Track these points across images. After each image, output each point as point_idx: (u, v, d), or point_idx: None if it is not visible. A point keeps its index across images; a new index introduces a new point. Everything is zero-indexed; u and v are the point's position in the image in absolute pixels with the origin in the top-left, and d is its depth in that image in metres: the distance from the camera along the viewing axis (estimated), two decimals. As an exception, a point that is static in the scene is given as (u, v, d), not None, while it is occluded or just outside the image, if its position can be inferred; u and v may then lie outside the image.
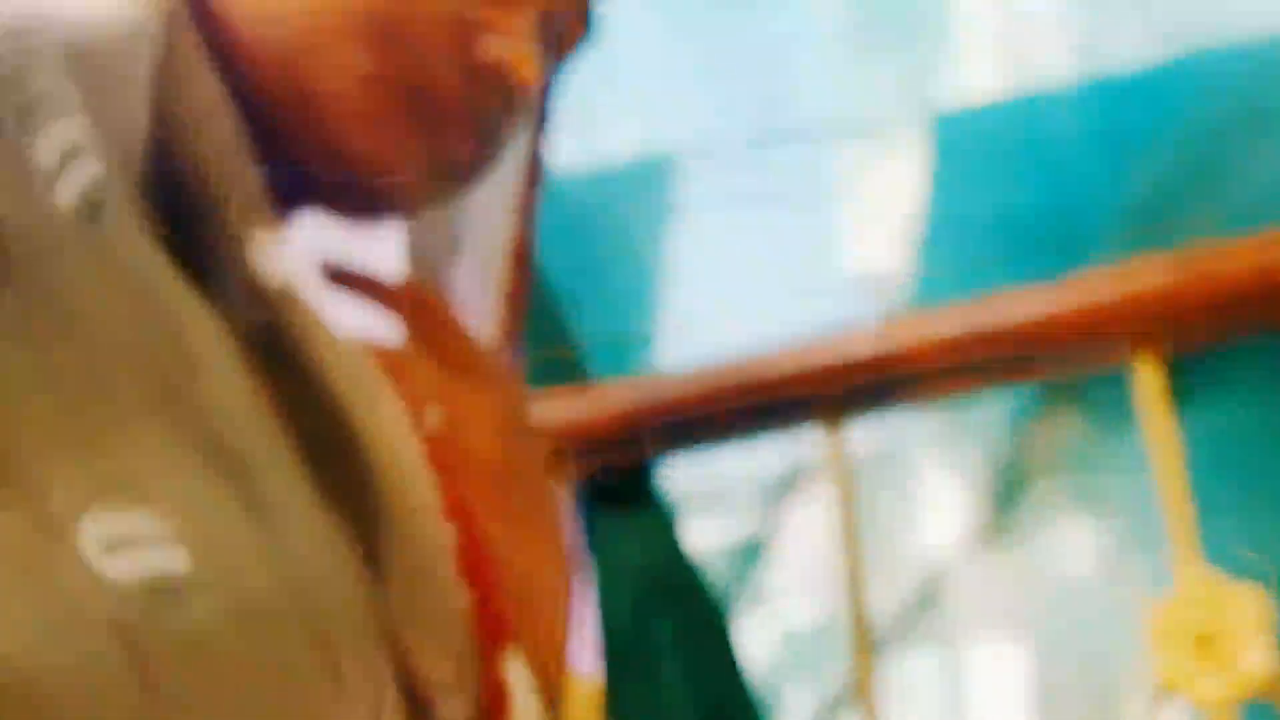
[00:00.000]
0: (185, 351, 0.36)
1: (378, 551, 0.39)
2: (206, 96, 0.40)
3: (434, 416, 0.50)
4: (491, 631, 0.43)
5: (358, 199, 0.45)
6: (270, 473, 0.37)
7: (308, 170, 0.44)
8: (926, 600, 1.05)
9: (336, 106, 0.42)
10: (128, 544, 0.31)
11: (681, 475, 1.08)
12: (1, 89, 0.35)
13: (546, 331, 1.07)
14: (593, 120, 0.53)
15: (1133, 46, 0.88)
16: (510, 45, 0.43)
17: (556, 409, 1.04)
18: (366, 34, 0.42)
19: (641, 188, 1.03)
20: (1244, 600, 0.82)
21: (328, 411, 0.40)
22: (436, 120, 0.43)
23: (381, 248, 0.53)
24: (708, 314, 1.04)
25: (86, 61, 0.38)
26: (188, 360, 0.36)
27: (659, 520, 1.05)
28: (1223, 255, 0.84)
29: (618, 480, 1.05)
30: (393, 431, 0.41)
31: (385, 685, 0.37)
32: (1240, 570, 0.86)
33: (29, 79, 0.36)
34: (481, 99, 0.44)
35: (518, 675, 0.44)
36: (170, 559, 0.32)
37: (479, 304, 0.57)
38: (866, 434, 1.03)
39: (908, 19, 0.95)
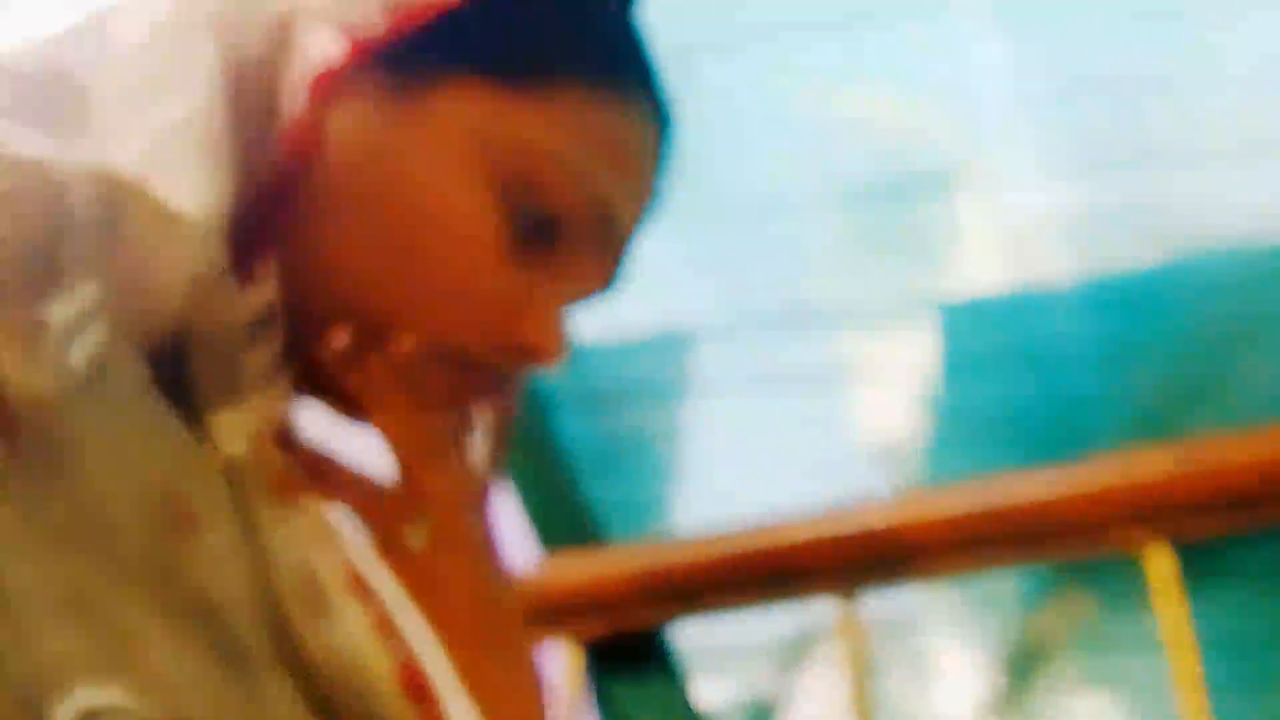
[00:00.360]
0: (183, 514, 0.37)
1: None
2: (226, 286, 0.42)
3: (416, 538, 0.52)
4: None
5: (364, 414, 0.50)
6: (254, 644, 0.37)
7: (326, 377, 0.48)
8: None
9: (375, 345, 0.47)
10: None
11: (693, 637, 1.08)
12: (30, 253, 0.38)
13: (563, 496, 1.08)
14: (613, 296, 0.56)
15: (1132, 249, 0.92)
16: (545, 329, 0.49)
17: (569, 570, 1.05)
18: (425, 314, 0.47)
19: (660, 360, 1.06)
20: (1259, 791, 0.82)
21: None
22: (463, 371, 0.49)
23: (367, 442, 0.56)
24: (723, 484, 1.06)
25: (130, 230, 0.40)
26: (183, 523, 0.37)
27: (670, 681, 1.05)
28: (1225, 448, 0.86)
29: (630, 641, 1.05)
30: (339, 630, 0.40)
31: None
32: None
33: (60, 242, 0.38)
34: (510, 363, 0.49)
35: None
36: None
37: None
38: (879, 603, 1.03)
39: (915, 217, 0.99)
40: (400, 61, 0.47)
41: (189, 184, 0.43)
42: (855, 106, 1.06)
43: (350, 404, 0.49)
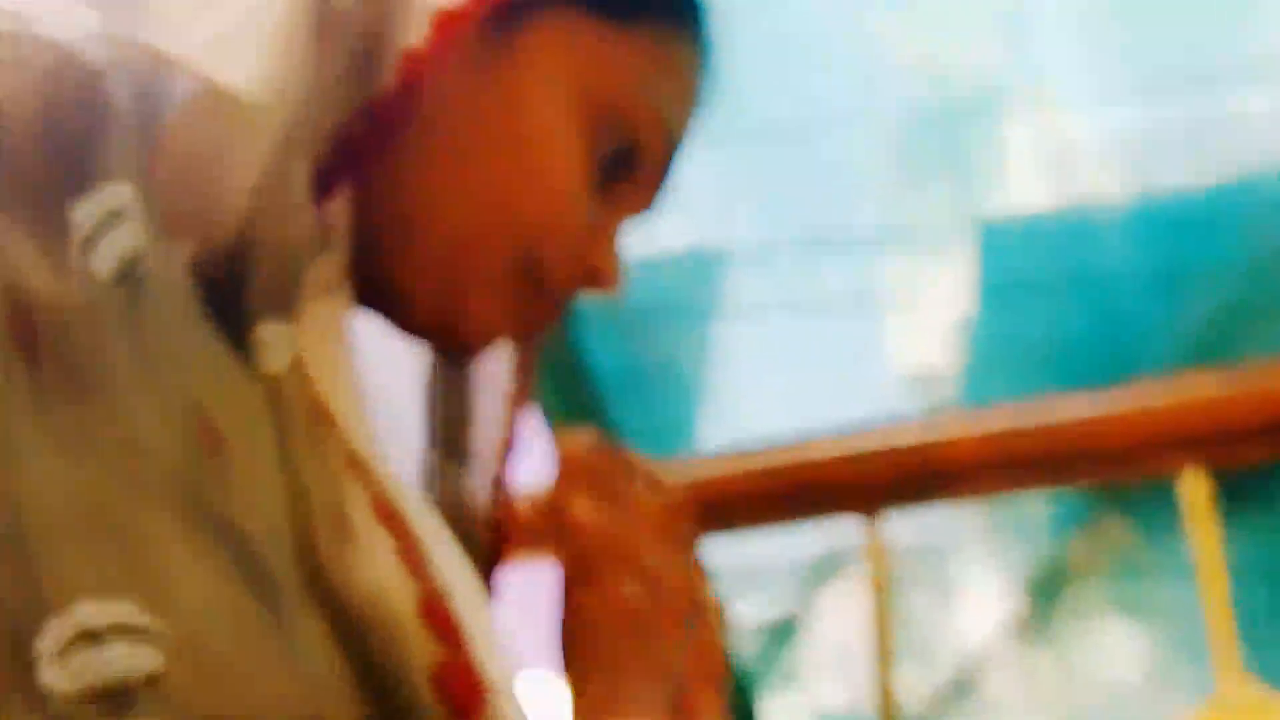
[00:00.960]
0: (213, 435, 0.36)
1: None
2: (289, 189, 0.41)
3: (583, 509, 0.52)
4: None
5: (447, 341, 0.50)
6: (283, 573, 0.36)
7: (416, 310, 0.48)
8: (960, 690, 1.04)
9: (469, 275, 0.48)
10: (93, 642, 0.31)
11: (720, 556, 1.08)
12: (59, 148, 0.36)
13: (591, 417, 1.08)
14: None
15: (1184, 172, 0.90)
16: (609, 255, 0.51)
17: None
18: (515, 237, 0.48)
19: (693, 280, 1.05)
20: (1284, 715, 0.82)
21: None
22: (540, 298, 0.50)
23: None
24: (755, 407, 1.06)
25: (183, 128, 0.39)
26: (214, 444, 0.36)
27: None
28: (1271, 375, 0.85)
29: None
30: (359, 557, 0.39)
31: None
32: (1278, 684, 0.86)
33: (94, 135, 0.37)
34: (576, 289, 0.51)
35: None
36: (138, 658, 0.31)
37: (495, 415, 0.60)
38: (907, 525, 1.03)
39: (960, 140, 0.97)
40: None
41: (260, 76, 0.41)
42: (900, 28, 1.03)
43: (427, 327, 0.49)
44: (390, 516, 0.40)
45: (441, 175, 0.47)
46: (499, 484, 0.58)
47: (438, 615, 0.39)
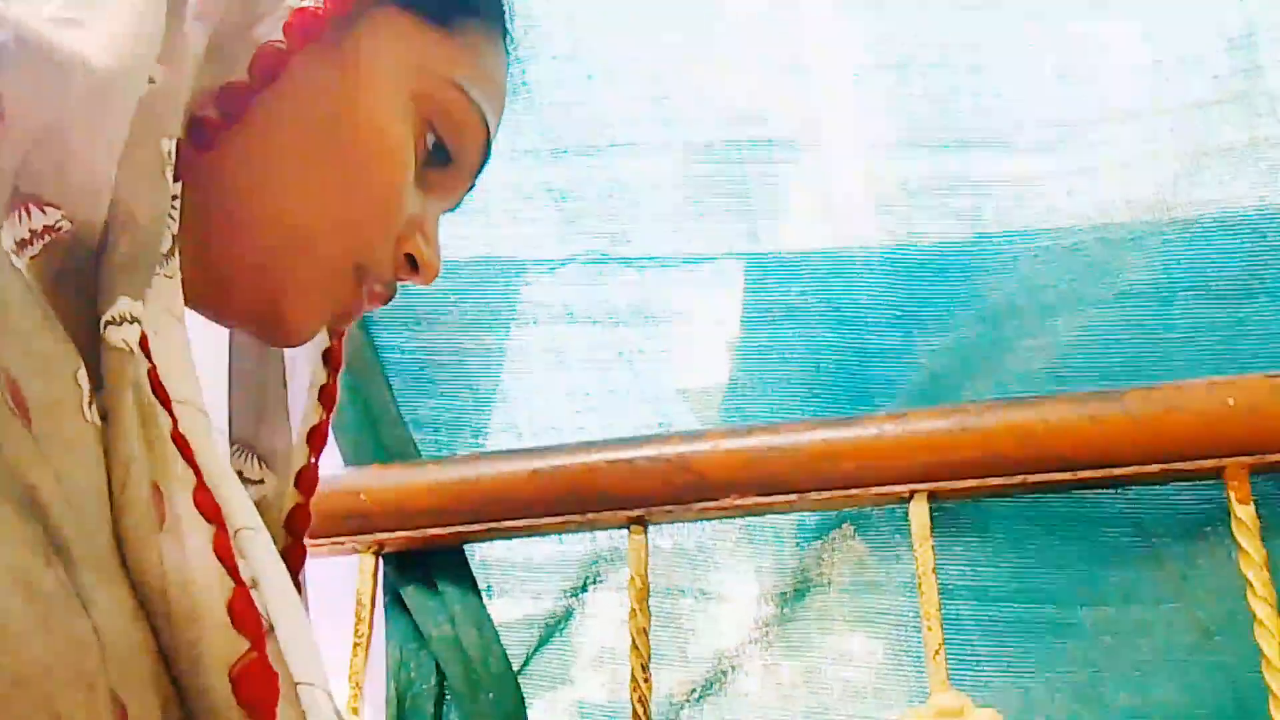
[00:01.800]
0: (20, 402, 0.35)
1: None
2: (151, 165, 0.41)
3: None
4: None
5: (265, 330, 0.52)
6: (88, 546, 0.36)
7: (235, 299, 0.50)
8: (711, 688, 1.11)
9: (298, 269, 0.50)
10: None
11: (490, 555, 1.12)
12: None
13: (378, 413, 1.10)
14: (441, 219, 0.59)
15: (935, 229, 0.99)
16: (430, 245, 0.54)
17: (377, 482, 1.08)
18: (347, 230, 0.50)
19: (485, 285, 1.08)
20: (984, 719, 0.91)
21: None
22: (361, 288, 0.53)
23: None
24: (539, 409, 1.10)
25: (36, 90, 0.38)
26: (20, 411, 0.35)
27: (464, 596, 1.09)
28: (990, 412, 0.94)
29: (428, 556, 1.09)
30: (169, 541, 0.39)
31: None
32: (983, 693, 0.96)
33: None
34: (398, 279, 0.54)
35: None
36: None
37: (301, 404, 0.61)
38: (670, 533, 1.09)
39: (741, 174, 1.04)
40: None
41: (110, 46, 0.40)
42: (696, 65, 1.09)
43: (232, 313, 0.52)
44: (210, 505, 0.40)
45: (278, 169, 0.48)
46: (308, 476, 0.59)
47: (245, 612, 0.39)
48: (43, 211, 0.39)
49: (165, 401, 0.41)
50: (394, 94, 0.51)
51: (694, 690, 1.10)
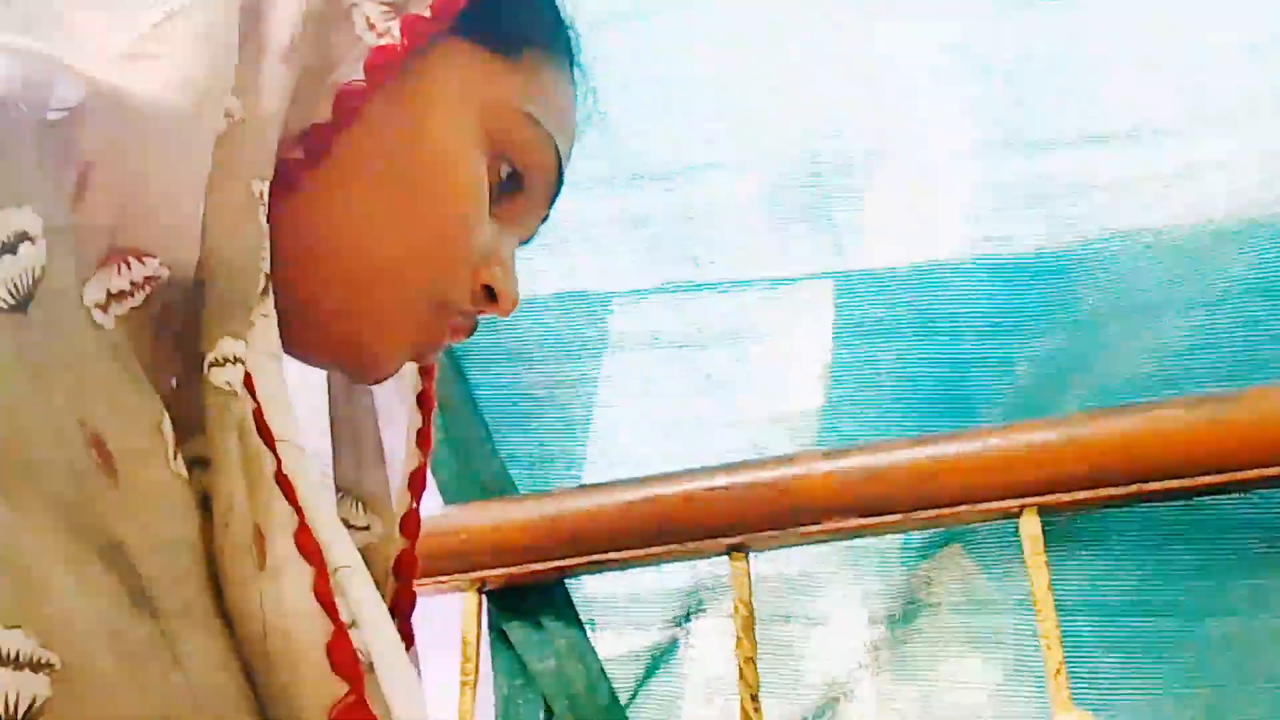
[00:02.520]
0: (104, 454, 0.35)
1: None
2: (244, 205, 0.42)
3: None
4: None
5: (354, 367, 0.53)
6: (176, 594, 0.36)
7: (325, 336, 0.50)
8: (822, 716, 1.08)
9: (381, 302, 0.50)
10: None
11: (592, 589, 1.11)
12: None
13: (473, 449, 1.11)
14: (521, 254, 0.59)
15: (1027, 234, 0.96)
16: (506, 277, 0.54)
17: (475, 519, 1.08)
18: (426, 262, 0.51)
19: (571, 319, 1.08)
20: (1109, 741, 0.88)
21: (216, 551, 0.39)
22: (443, 320, 0.53)
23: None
24: (631, 440, 1.09)
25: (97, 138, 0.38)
26: (105, 464, 0.35)
27: (568, 630, 1.08)
28: (1099, 421, 0.91)
29: (530, 591, 1.08)
30: (270, 585, 0.39)
31: None
32: (1107, 712, 0.92)
33: None
34: (477, 311, 0.54)
35: None
36: (26, 685, 0.31)
37: (400, 448, 0.61)
38: (772, 559, 1.07)
39: (823, 190, 1.02)
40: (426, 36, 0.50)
41: (178, 83, 0.40)
42: (772, 82, 1.08)
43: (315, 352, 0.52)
44: (311, 546, 0.40)
45: (355, 206, 0.49)
46: (412, 521, 0.59)
47: (343, 654, 0.39)
48: (142, 262, 0.39)
49: (269, 441, 0.41)
50: (464, 125, 0.51)
51: (805, 719, 1.08)
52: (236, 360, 0.40)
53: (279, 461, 0.41)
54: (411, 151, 0.50)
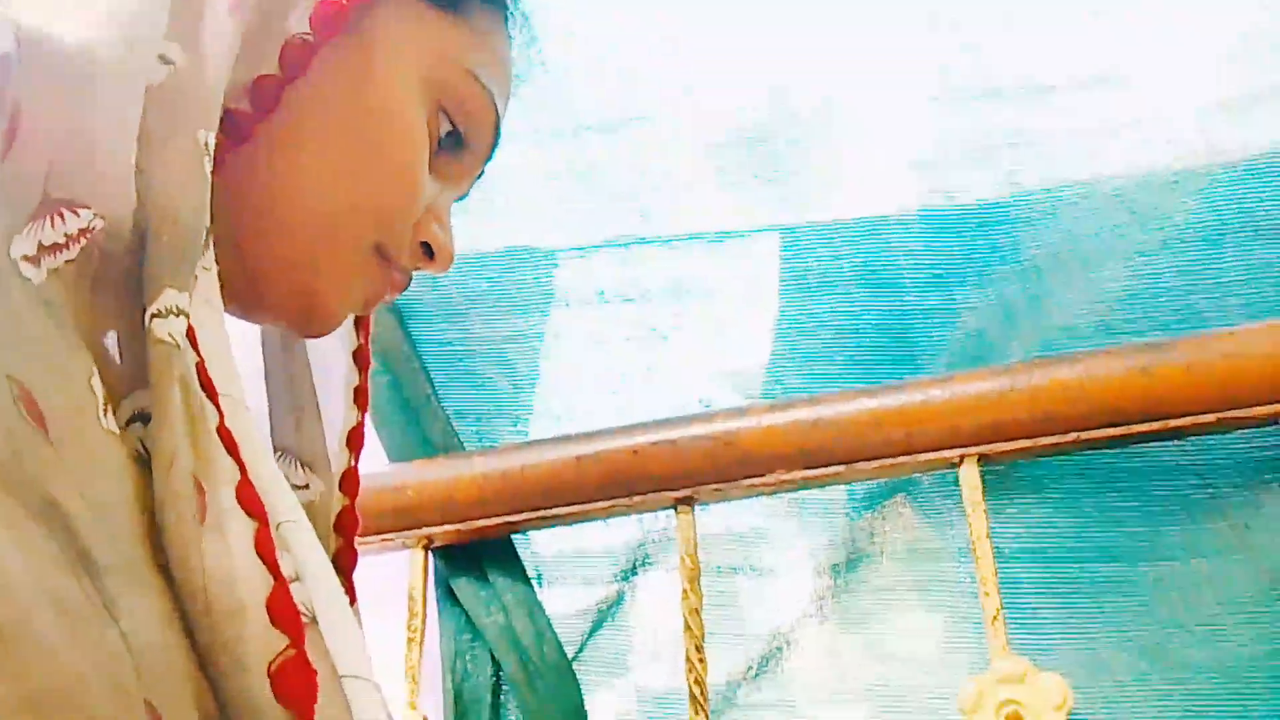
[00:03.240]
0: (36, 413, 0.35)
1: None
2: (189, 157, 0.41)
3: None
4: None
5: (298, 321, 0.52)
6: (115, 553, 0.35)
7: (267, 291, 0.50)
8: (769, 666, 1.10)
9: (326, 256, 0.50)
10: None
11: (541, 546, 1.11)
12: None
13: (420, 406, 1.10)
14: (466, 210, 0.59)
15: (971, 186, 0.96)
16: (444, 232, 0.54)
17: (422, 476, 1.08)
18: (370, 212, 0.51)
19: (517, 274, 1.08)
20: (1046, 684, 0.89)
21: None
22: (383, 275, 0.53)
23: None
24: (577, 396, 1.09)
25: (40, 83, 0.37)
26: (37, 423, 0.35)
27: (515, 586, 1.09)
28: (1038, 370, 0.92)
29: (478, 546, 1.08)
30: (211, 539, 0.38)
31: None
32: (1047, 656, 0.94)
33: None
34: (415, 266, 0.54)
35: None
36: None
37: (338, 407, 0.60)
38: (721, 515, 1.08)
39: (768, 147, 1.02)
40: None
41: (115, 22, 0.40)
42: (717, 40, 1.07)
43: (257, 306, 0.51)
44: (253, 500, 0.40)
45: (304, 158, 0.48)
46: (351, 479, 0.59)
47: (284, 608, 0.39)
48: (76, 214, 0.39)
49: (212, 395, 0.40)
50: (408, 79, 0.51)
51: (750, 669, 1.09)
52: (180, 312, 0.39)
53: (221, 415, 0.40)
54: (357, 103, 0.49)
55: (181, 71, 0.42)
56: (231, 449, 0.40)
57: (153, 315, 0.39)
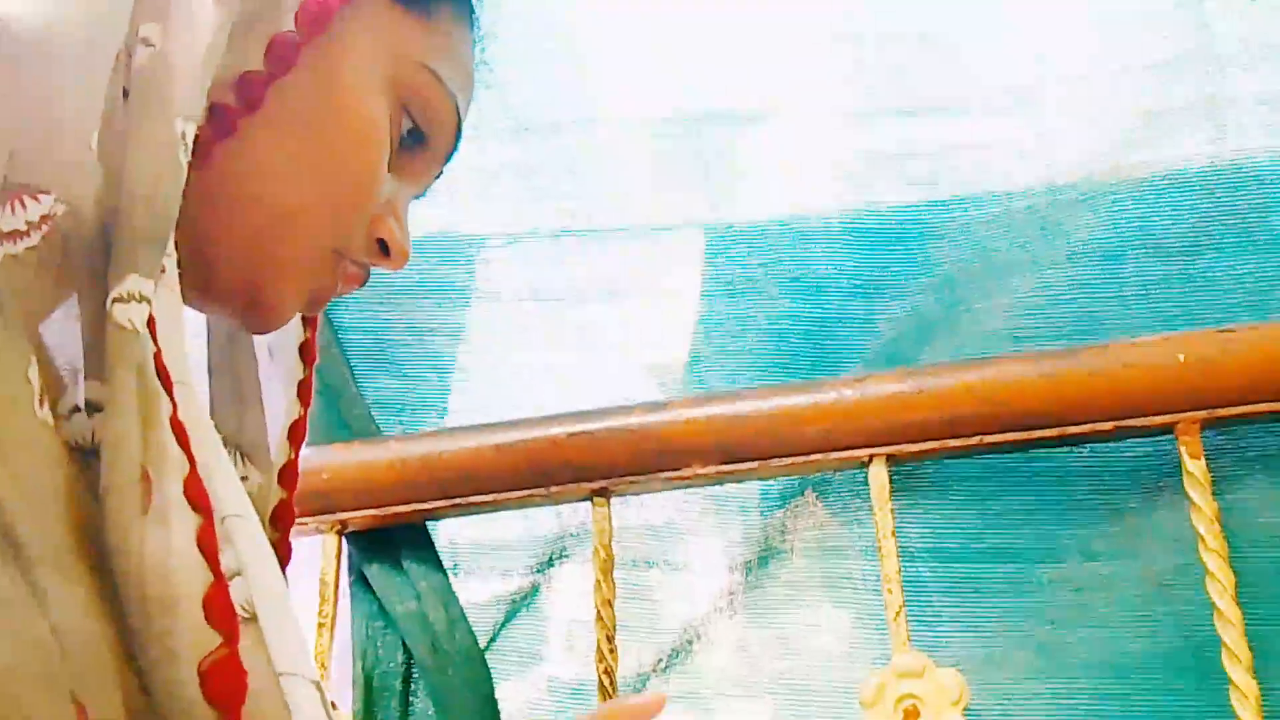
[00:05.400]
0: None
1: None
2: (166, 144, 0.41)
3: None
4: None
5: (247, 314, 0.52)
6: (43, 540, 0.35)
7: (218, 281, 0.50)
8: (679, 659, 1.11)
9: (282, 251, 0.50)
10: None
11: (459, 536, 1.12)
12: None
13: (338, 390, 1.09)
14: None
15: (891, 198, 1.00)
16: (401, 229, 0.55)
17: (338, 460, 1.07)
18: (327, 209, 0.51)
19: (444, 263, 1.08)
20: (944, 679, 0.92)
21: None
22: (336, 271, 0.53)
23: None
24: (501, 386, 1.10)
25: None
26: None
27: (429, 573, 1.09)
28: (946, 374, 0.95)
29: (392, 532, 1.08)
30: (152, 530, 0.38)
31: None
32: (947, 651, 0.97)
33: None
34: (371, 259, 0.55)
35: None
36: None
37: (280, 399, 0.61)
38: (638, 509, 1.09)
39: (701, 148, 1.04)
40: None
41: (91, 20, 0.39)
42: (654, 39, 1.09)
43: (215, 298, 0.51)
44: (200, 494, 0.39)
45: (271, 156, 0.49)
46: (290, 473, 0.59)
47: (221, 606, 0.38)
48: (37, 200, 0.38)
49: (168, 385, 0.40)
50: (372, 78, 0.52)
51: (661, 661, 1.11)
52: (142, 298, 0.39)
53: (175, 406, 0.40)
54: (324, 102, 0.50)
55: (162, 55, 0.42)
56: (183, 441, 0.40)
57: (114, 300, 0.39)
